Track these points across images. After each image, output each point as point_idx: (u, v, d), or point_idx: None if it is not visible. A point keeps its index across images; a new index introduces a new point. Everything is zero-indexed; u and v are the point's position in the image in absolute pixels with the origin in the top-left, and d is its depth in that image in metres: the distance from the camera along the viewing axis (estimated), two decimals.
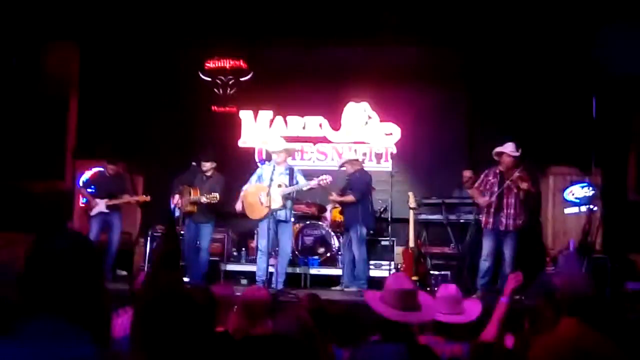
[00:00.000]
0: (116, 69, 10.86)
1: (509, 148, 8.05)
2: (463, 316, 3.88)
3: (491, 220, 8.06)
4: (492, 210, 8.05)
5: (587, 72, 9.54)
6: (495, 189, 8.04)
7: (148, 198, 9.16)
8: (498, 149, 8.13)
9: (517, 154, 8.02)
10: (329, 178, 8.18)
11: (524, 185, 7.87)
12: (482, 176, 8.34)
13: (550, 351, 3.10)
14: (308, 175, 8.79)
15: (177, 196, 8.60)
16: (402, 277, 3.89)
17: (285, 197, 8.17)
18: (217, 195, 8.30)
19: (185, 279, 8.12)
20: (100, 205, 9.13)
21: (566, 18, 9.60)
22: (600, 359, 2.45)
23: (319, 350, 2.76)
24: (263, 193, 8.09)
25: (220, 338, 2.39)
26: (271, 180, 8.05)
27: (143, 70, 11.06)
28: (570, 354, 3.02)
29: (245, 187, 8.46)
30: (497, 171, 8.12)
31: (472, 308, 4.00)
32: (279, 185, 8.09)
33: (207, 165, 8.68)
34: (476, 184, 8.42)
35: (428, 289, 7.85)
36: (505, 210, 8.00)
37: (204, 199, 8.36)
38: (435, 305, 3.73)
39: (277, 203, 8.04)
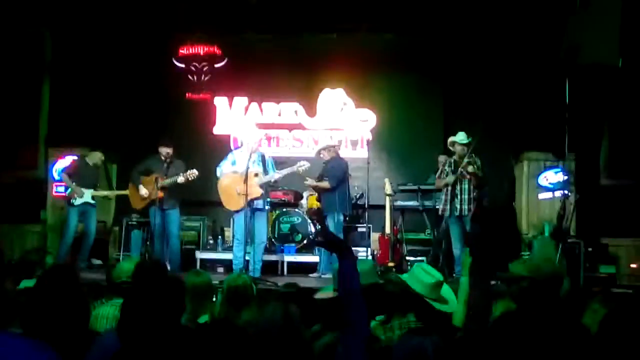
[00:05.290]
0: (89, 55, 10.70)
1: (459, 137, 8.44)
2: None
3: (448, 207, 8.42)
4: (448, 197, 8.42)
5: (560, 57, 9.59)
6: (450, 177, 8.38)
7: (128, 192, 9.03)
8: (450, 139, 8.55)
9: (467, 141, 8.37)
10: (306, 164, 8.16)
11: (470, 169, 8.25)
12: (440, 166, 8.81)
13: None
14: (284, 162, 8.79)
15: (141, 187, 8.55)
16: None
17: (262, 186, 8.11)
18: (195, 170, 8.27)
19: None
20: (87, 195, 9.08)
21: (539, 2, 9.64)
22: None
23: (301, 342, 2.75)
24: (240, 183, 8.03)
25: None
26: (247, 168, 7.94)
27: (116, 58, 10.91)
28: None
29: (219, 173, 8.33)
30: (452, 160, 8.53)
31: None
32: (256, 175, 7.98)
33: (169, 151, 8.61)
34: (437, 174, 8.82)
35: None
36: (459, 196, 8.36)
37: (181, 178, 8.28)
38: None
39: (255, 193, 7.97)
